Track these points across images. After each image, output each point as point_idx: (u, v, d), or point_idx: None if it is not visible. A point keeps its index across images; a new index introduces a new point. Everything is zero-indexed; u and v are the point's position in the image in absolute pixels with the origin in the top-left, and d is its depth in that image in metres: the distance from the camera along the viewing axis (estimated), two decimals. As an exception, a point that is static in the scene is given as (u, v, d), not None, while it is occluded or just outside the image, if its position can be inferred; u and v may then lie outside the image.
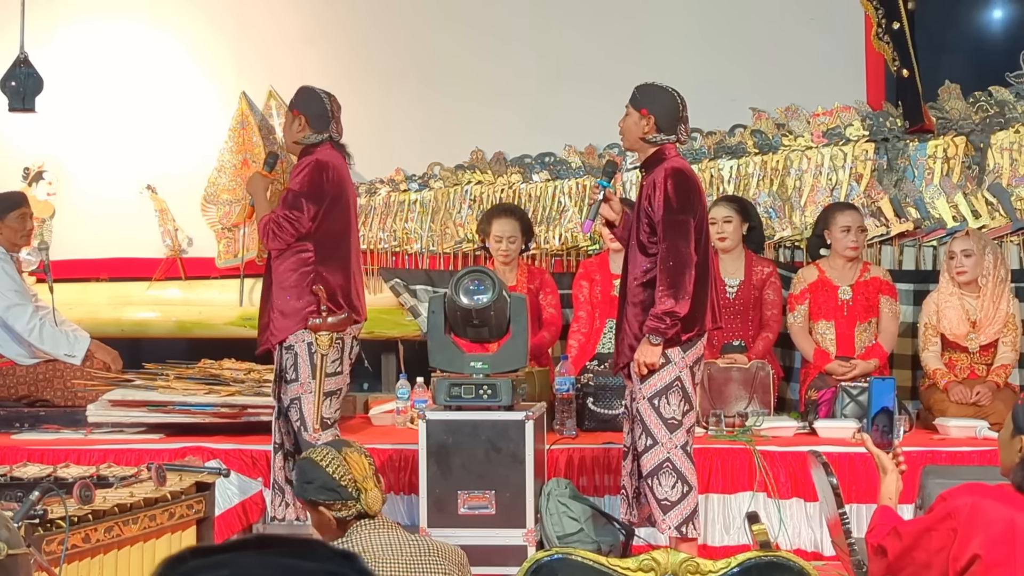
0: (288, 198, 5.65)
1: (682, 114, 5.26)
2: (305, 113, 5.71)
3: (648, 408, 5.19)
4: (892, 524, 3.28)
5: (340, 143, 5.81)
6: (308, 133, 5.71)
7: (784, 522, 5.87)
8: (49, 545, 3.70)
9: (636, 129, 5.26)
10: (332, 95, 5.79)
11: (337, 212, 5.67)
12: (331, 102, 5.75)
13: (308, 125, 5.70)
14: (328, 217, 5.64)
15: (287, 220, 5.60)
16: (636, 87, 5.34)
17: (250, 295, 7.65)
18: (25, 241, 6.92)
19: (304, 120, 5.71)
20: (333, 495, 3.52)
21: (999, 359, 6.61)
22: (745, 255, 6.95)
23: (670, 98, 5.27)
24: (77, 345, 6.81)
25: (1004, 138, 7.33)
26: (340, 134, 5.79)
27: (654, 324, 5.11)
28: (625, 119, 5.32)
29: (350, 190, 5.79)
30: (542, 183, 7.66)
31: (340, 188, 5.68)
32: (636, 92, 5.32)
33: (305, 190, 5.62)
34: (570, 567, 3.03)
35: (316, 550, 1.45)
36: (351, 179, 5.87)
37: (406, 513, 5.98)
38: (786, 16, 7.67)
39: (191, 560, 1.44)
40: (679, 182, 5.13)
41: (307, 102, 5.75)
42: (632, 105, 5.30)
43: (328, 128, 5.71)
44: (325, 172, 5.64)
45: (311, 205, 5.61)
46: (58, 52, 7.74)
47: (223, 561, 1.43)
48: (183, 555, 1.45)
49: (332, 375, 5.64)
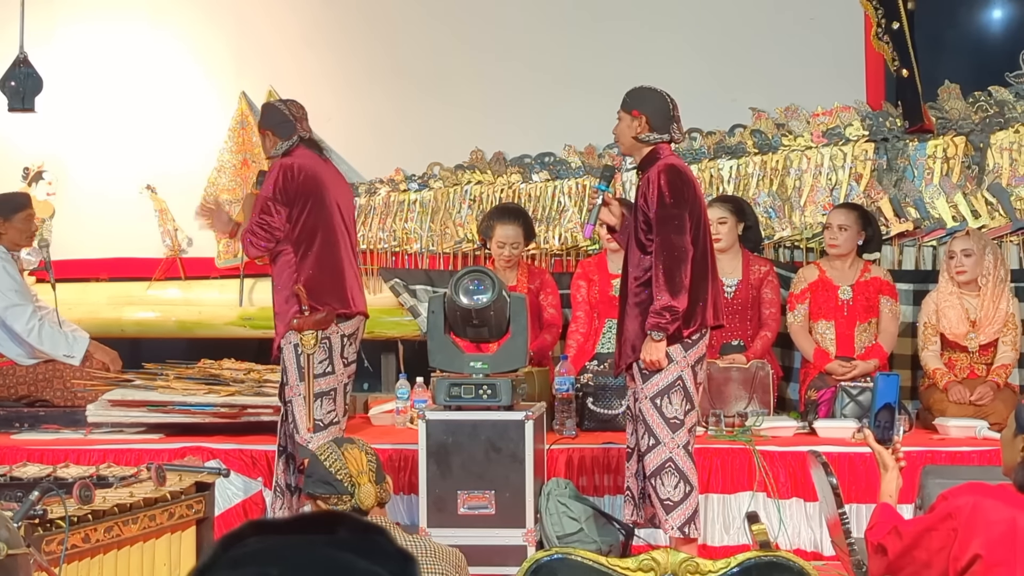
0: (258, 204, 5.70)
1: (674, 113, 5.29)
2: (268, 127, 5.82)
3: (650, 408, 5.19)
4: (892, 523, 3.28)
5: (312, 140, 5.85)
6: (278, 144, 5.77)
7: (784, 522, 5.87)
8: (49, 545, 3.70)
9: (629, 131, 5.29)
10: (291, 100, 5.91)
11: (311, 209, 5.66)
12: (288, 107, 5.83)
13: (275, 136, 5.78)
14: (302, 215, 5.65)
15: (259, 226, 5.65)
16: (627, 92, 5.38)
17: (250, 295, 7.66)
18: (28, 242, 6.94)
19: (271, 134, 5.80)
20: (329, 489, 3.59)
21: (999, 359, 6.61)
22: (742, 254, 6.95)
23: (660, 98, 5.31)
24: (76, 346, 6.81)
25: (1004, 138, 7.33)
26: (308, 131, 5.82)
27: (654, 320, 5.12)
28: (618, 124, 5.36)
29: (328, 186, 5.75)
30: (542, 183, 7.66)
31: (310, 186, 5.68)
32: (626, 97, 5.37)
33: (272, 194, 5.65)
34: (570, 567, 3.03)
35: (379, 545, 1.39)
36: (332, 174, 5.87)
37: (406, 513, 5.98)
38: (786, 16, 7.67)
39: (251, 537, 1.38)
40: (672, 177, 5.15)
41: (268, 117, 5.88)
42: (623, 109, 5.34)
43: (294, 131, 5.75)
44: (290, 172, 5.66)
45: (281, 207, 5.64)
46: (58, 52, 7.74)
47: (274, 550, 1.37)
48: (243, 531, 1.39)
49: (321, 376, 5.60)
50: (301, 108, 5.86)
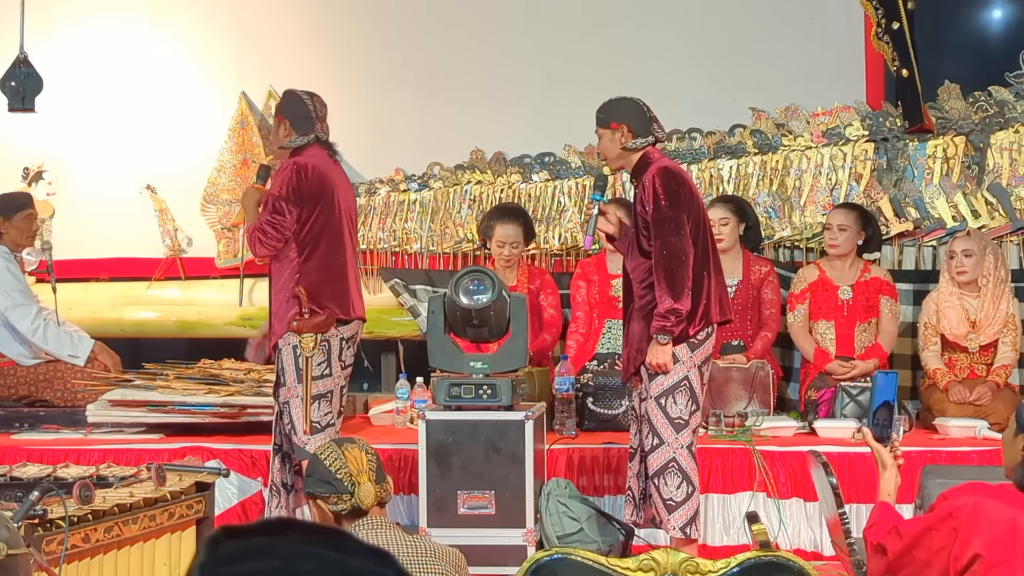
0: (269, 203, 5.60)
1: (650, 114, 5.30)
2: (288, 117, 5.67)
3: (655, 408, 5.19)
4: (892, 522, 3.28)
5: (327, 142, 5.73)
6: (292, 136, 5.65)
7: (784, 522, 5.87)
8: (49, 545, 3.70)
9: (614, 144, 5.29)
10: (316, 95, 5.73)
11: (320, 212, 5.59)
12: (314, 102, 5.69)
13: (292, 128, 5.66)
14: (310, 217, 5.58)
15: (270, 225, 5.56)
16: (597, 110, 5.36)
17: (250, 295, 7.66)
18: (29, 242, 6.94)
19: (287, 124, 5.66)
20: (329, 488, 3.60)
21: (999, 359, 6.61)
22: (743, 255, 6.95)
23: (633, 104, 5.32)
24: (81, 346, 6.81)
25: (1004, 138, 7.33)
26: (326, 133, 5.71)
27: (659, 324, 5.12)
28: (600, 142, 5.36)
29: (337, 189, 5.67)
30: (542, 183, 7.66)
31: (321, 188, 5.60)
32: (599, 114, 5.35)
33: (284, 193, 5.56)
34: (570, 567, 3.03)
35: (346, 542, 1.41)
36: (342, 177, 5.78)
37: (406, 513, 5.98)
38: (786, 16, 7.67)
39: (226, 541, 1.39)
40: (666, 180, 5.16)
41: (289, 106, 5.71)
42: (601, 126, 5.33)
43: (312, 129, 5.65)
44: (304, 172, 5.57)
45: (292, 207, 5.55)
46: (58, 52, 7.74)
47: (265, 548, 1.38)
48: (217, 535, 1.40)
49: (319, 378, 5.57)
50: (324, 107, 5.72)
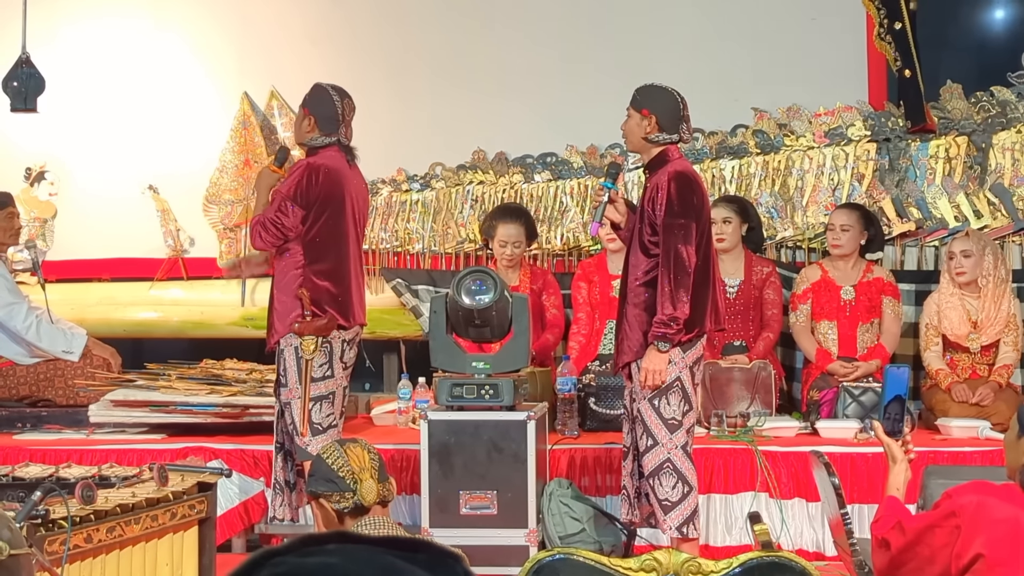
0: (275, 201, 5.54)
1: (683, 113, 5.25)
2: (315, 114, 5.57)
3: (648, 408, 5.19)
4: (897, 517, 3.28)
5: (348, 146, 5.63)
6: (315, 135, 5.57)
7: (786, 522, 5.87)
8: (51, 545, 3.70)
9: (638, 130, 5.25)
10: (347, 95, 5.63)
11: (329, 216, 5.52)
12: (343, 104, 5.59)
13: (316, 126, 5.57)
14: (318, 221, 5.51)
15: (272, 223, 5.50)
16: (636, 89, 5.33)
17: (252, 295, 7.66)
18: (13, 240, 6.94)
19: (313, 121, 5.57)
20: (332, 486, 3.62)
21: (1001, 359, 6.61)
22: (745, 255, 6.95)
23: (670, 97, 5.27)
24: (75, 342, 6.79)
25: (1006, 138, 7.33)
26: (349, 138, 5.62)
27: (660, 331, 5.10)
28: (627, 121, 5.31)
29: (349, 194, 5.58)
30: (544, 183, 7.66)
31: (331, 192, 5.52)
32: (636, 94, 5.31)
33: (292, 193, 5.49)
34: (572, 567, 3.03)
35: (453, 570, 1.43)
36: (356, 181, 5.67)
37: (408, 513, 5.98)
38: (788, 16, 7.67)
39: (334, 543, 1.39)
40: (682, 185, 5.12)
41: (318, 102, 5.60)
42: (633, 107, 5.29)
43: (336, 132, 5.56)
44: (315, 176, 5.49)
45: (298, 209, 5.48)
46: (60, 52, 7.74)
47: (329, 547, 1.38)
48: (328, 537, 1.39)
49: (321, 379, 5.54)
50: (353, 109, 5.63)
